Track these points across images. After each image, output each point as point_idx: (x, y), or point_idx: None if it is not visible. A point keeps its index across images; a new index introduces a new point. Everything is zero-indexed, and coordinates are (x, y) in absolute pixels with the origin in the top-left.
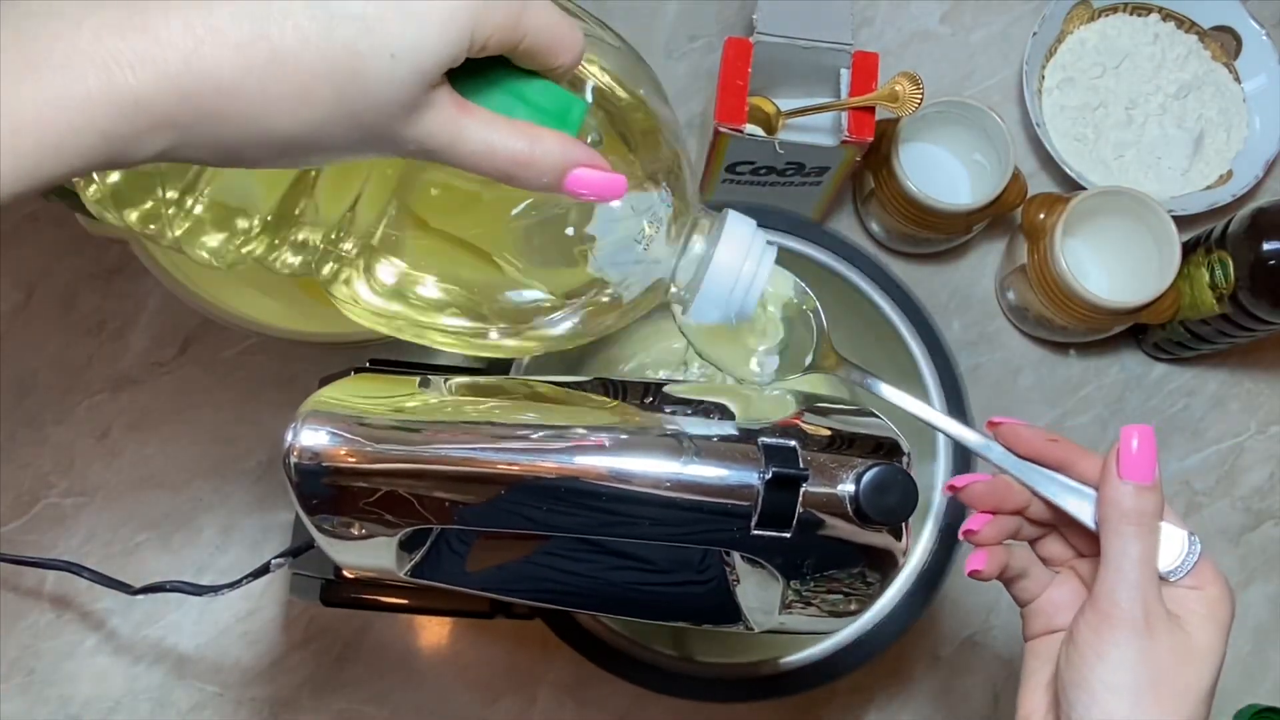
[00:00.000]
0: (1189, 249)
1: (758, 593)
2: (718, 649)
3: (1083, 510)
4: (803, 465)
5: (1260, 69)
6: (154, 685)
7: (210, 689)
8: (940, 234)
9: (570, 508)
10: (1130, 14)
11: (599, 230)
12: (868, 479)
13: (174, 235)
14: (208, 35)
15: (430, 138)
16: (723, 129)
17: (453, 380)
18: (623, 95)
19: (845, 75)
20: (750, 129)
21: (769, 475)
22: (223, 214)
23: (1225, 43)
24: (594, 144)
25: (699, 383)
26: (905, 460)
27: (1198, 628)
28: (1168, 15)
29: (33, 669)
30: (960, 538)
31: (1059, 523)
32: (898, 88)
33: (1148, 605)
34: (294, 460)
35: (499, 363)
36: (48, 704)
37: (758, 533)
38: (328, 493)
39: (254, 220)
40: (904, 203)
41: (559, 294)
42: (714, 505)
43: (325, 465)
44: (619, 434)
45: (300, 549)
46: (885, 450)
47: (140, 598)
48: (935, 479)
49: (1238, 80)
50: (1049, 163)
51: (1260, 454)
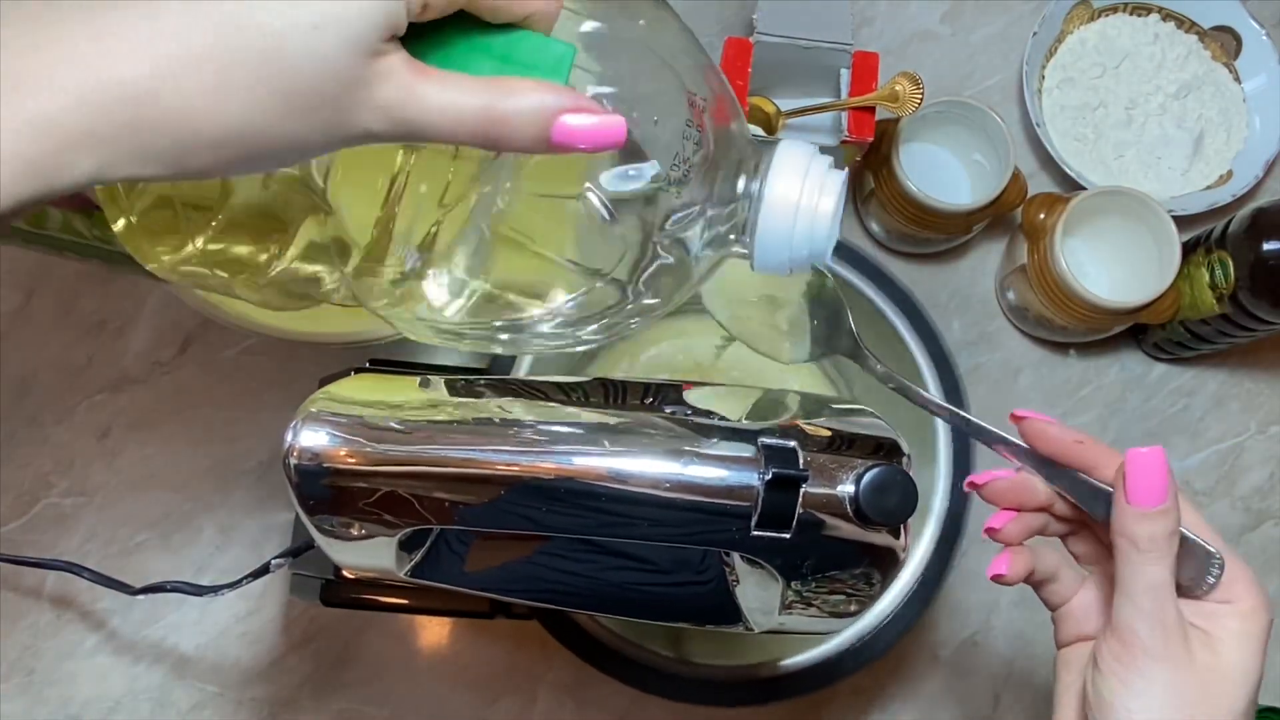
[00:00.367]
0: (1189, 249)
1: (757, 593)
2: (715, 650)
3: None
4: (803, 466)
5: (1260, 69)
6: (154, 685)
7: (210, 689)
8: (940, 234)
9: (570, 508)
10: (1130, 14)
11: (611, 183)
12: (868, 480)
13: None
14: (113, 44)
15: (388, 110)
16: None
17: (453, 380)
18: None
19: (845, 75)
20: (750, 129)
21: (769, 476)
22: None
23: (1225, 43)
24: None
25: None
26: (905, 461)
27: (1230, 646)
28: (1168, 15)
29: (33, 669)
30: (983, 536)
31: (1089, 520)
32: (898, 88)
33: (1168, 633)
34: (294, 460)
35: (500, 362)
36: (48, 704)
37: (758, 533)
38: (328, 493)
39: (351, 257)
40: (904, 203)
41: (625, 275)
42: (714, 506)
43: (325, 465)
44: (619, 434)
45: (300, 549)
46: (885, 451)
47: (140, 598)
48: (935, 480)
49: (1238, 80)
50: (1049, 163)
51: (1260, 454)
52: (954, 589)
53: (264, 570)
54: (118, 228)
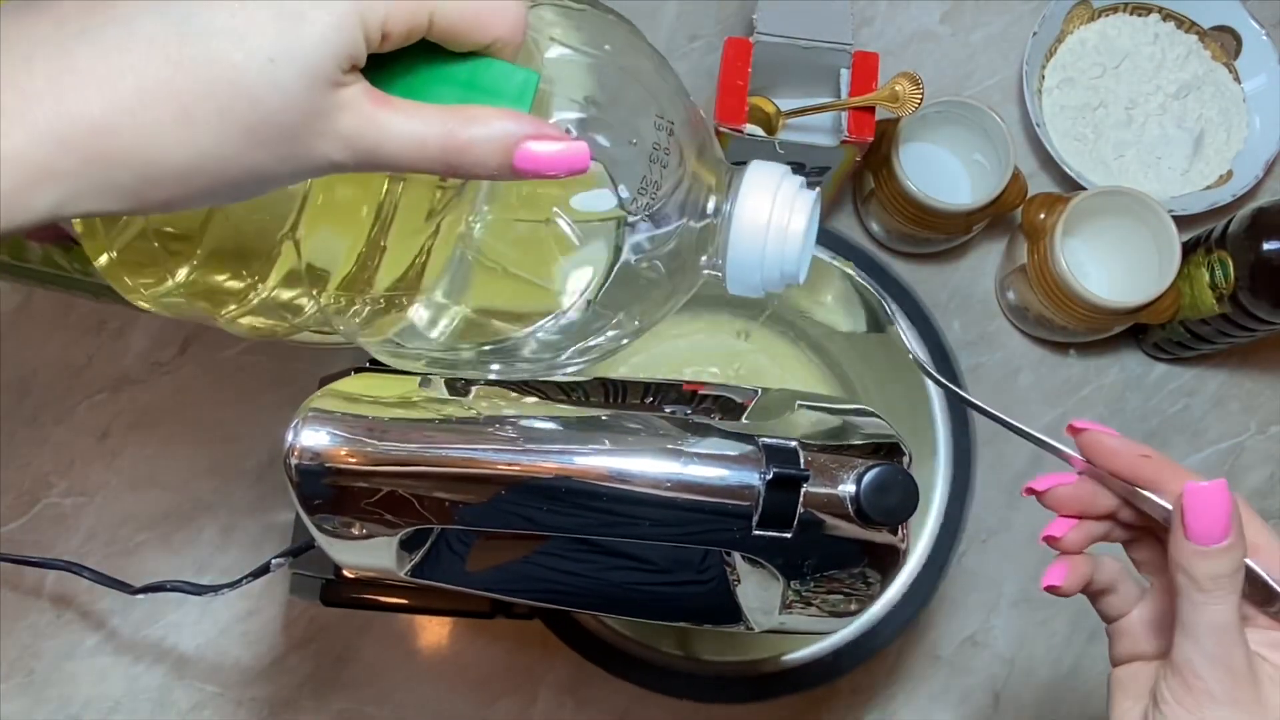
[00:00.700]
0: (1189, 249)
1: (758, 593)
2: (722, 646)
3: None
4: (804, 465)
5: (1260, 69)
6: (154, 685)
7: (210, 689)
8: (940, 234)
9: (570, 508)
10: (1130, 14)
11: (579, 207)
12: (868, 479)
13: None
14: (72, 79)
15: (350, 140)
16: (723, 129)
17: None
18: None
19: (845, 75)
20: (750, 129)
21: (770, 476)
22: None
23: (1225, 43)
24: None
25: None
26: (905, 460)
27: None
28: (1168, 15)
29: (33, 669)
30: (1040, 542)
31: (1157, 528)
32: (898, 88)
33: (1235, 677)
34: (294, 460)
35: None
36: (48, 704)
37: (758, 533)
38: (328, 493)
39: (331, 283)
40: (904, 203)
41: (596, 295)
42: (715, 505)
43: (325, 465)
44: (620, 434)
45: (300, 549)
46: (885, 450)
47: (140, 597)
48: (935, 479)
49: (1238, 80)
50: (1049, 163)
51: (1260, 454)
52: (953, 588)
53: (264, 570)
54: (100, 263)
